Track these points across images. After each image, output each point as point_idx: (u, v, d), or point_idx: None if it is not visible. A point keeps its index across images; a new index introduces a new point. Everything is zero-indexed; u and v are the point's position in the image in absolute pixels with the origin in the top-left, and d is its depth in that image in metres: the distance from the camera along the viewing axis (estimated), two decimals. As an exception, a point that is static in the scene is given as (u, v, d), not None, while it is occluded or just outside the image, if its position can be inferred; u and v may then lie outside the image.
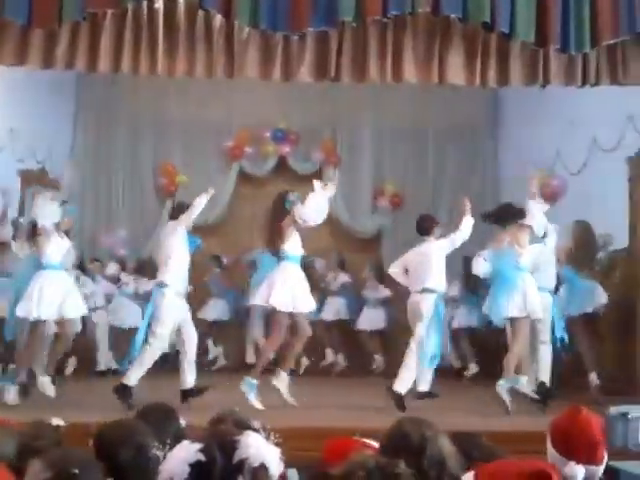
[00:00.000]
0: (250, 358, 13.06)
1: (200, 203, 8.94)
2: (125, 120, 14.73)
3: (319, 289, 13.39)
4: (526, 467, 2.80)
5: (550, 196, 12.22)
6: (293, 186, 14.72)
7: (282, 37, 7.69)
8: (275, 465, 2.57)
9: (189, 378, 8.71)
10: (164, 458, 2.81)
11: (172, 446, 3.18)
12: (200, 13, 7.70)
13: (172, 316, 8.72)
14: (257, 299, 8.98)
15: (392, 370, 8.82)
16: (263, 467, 2.51)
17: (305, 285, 8.88)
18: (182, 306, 8.93)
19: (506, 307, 8.96)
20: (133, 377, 8.53)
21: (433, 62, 7.88)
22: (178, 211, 9.15)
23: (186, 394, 8.60)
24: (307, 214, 8.83)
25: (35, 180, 12.51)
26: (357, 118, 14.89)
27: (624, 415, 2.76)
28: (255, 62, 7.81)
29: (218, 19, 7.68)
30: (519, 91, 11.21)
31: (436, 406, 8.24)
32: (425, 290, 9.06)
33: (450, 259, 9.50)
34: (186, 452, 2.49)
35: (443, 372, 9.86)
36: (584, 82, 8.04)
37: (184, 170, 14.51)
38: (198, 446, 2.50)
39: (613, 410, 2.82)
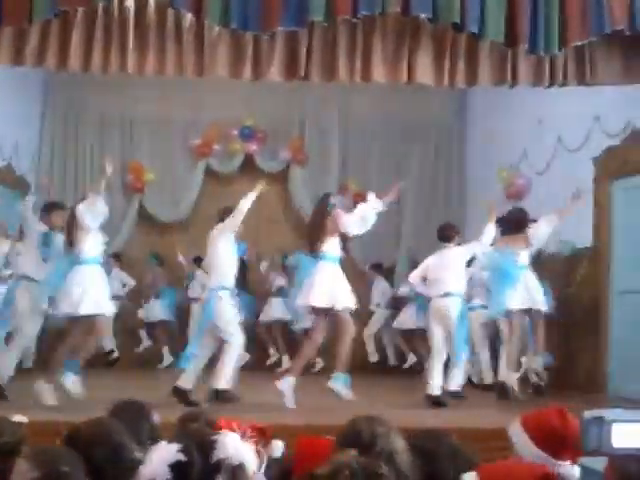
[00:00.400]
0: None
1: (246, 205, 8.97)
2: (92, 117, 14.68)
3: (263, 290, 13.66)
4: (531, 470, 2.89)
5: (515, 195, 12.37)
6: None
7: (252, 37, 7.68)
8: (252, 464, 2.60)
9: (224, 379, 8.72)
10: (140, 457, 2.82)
11: (147, 444, 3.21)
12: (170, 12, 7.68)
13: (234, 314, 8.86)
14: (298, 300, 8.96)
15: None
16: (241, 466, 2.54)
17: (345, 284, 8.84)
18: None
19: (507, 300, 9.45)
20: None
21: (402, 62, 7.89)
22: (225, 215, 9.13)
23: (220, 394, 8.62)
24: (351, 223, 8.86)
25: (2, 176, 12.44)
26: (325, 117, 14.95)
27: (598, 419, 2.78)
28: (225, 61, 7.81)
29: (188, 18, 7.67)
30: (486, 89, 11.28)
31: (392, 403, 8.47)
32: (449, 294, 9.36)
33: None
34: (166, 453, 2.51)
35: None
36: (552, 83, 8.11)
37: (151, 168, 14.50)
38: (176, 447, 2.52)
39: (587, 414, 2.84)
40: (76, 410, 7.18)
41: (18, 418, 4.07)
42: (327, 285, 8.70)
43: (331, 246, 8.80)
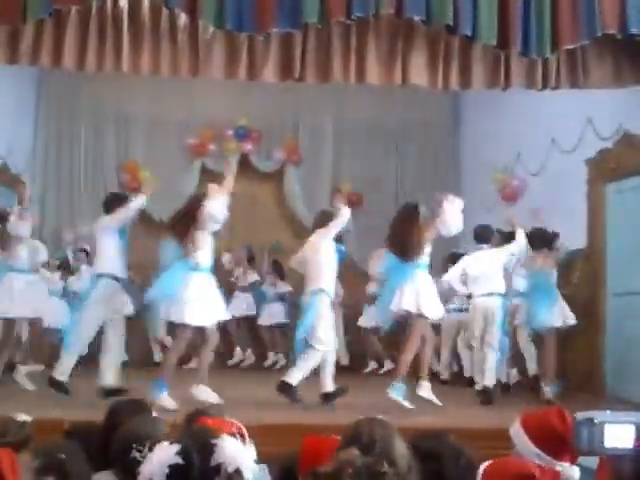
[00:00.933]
0: (157, 357, 13.23)
1: (347, 211, 9.02)
2: (87, 116, 14.68)
3: (227, 284, 13.44)
4: (520, 468, 2.96)
5: (510, 196, 12.40)
6: (254, 184, 14.88)
7: (247, 37, 7.73)
8: (250, 470, 2.63)
9: (329, 381, 8.79)
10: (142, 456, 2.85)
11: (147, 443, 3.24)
12: (165, 12, 7.72)
13: (331, 320, 8.94)
14: (392, 306, 8.87)
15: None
16: (238, 472, 2.57)
17: (433, 291, 8.84)
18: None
19: (550, 318, 9.68)
20: (296, 377, 8.61)
21: (396, 63, 7.96)
22: (325, 219, 9.15)
23: (329, 397, 8.70)
24: (451, 224, 8.78)
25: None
26: (319, 116, 14.95)
27: (590, 420, 2.84)
28: (220, 62, 7.86)
29: (183, 18, 7.70)
30: (480, 90, 11.30)
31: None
32: (493, 294, 9.62)
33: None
34: (165, 454, 2.53)
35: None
36: (545, 85, 8.16)
37: (147, 166, 14.51)
38: (176, 448, 2.54)
39: (579, 416, 2.90)
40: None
41: (22, 417, 4.12)
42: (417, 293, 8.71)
43: (425, 253, 8.80)
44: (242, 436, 2.95)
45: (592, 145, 10.51)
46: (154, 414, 4.19)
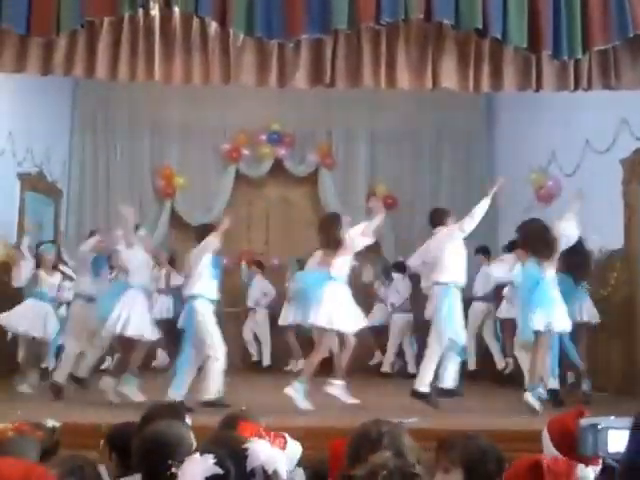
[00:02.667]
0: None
1: (482, 209, 9.03)
2: (122, 123, 14.84)
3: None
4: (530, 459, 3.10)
5: (546, 197, 12.35)
6: (289, 188, 14.96)
7: (277, 44, 7.75)
8: (284, 469, 2.66)
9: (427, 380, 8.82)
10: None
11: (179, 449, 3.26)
12: (196, 20, 7.76)
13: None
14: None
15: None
16: (275, 472, 2.60)
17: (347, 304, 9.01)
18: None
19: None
20: (426, 381, 8.73)
21: (426, 68, 7.92)
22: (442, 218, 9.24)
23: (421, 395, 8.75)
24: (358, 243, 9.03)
25: (34, 183, 12.60)
26: (352, 120, 14.98)
27: (594, 426, 2.90)
28: (251, 69, 7.87)
29: (213, 26, 7.74)
30: (513, 92, 11.28)
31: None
32: None
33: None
34: (201, 465, 2.55)
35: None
36: (576, 87, 8.09)
37: (182, 173, 14.62)
38: (211, 458, 2.56)
39: (584, 422, 2.96)
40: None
41: (52, 423, 4.17)
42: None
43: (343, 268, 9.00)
44: (282, 439, 3.00)
45: (627, 145, 10.46)
46: (187, 420, 4.21)
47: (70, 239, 13.49)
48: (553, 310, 8.76)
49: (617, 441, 2.91)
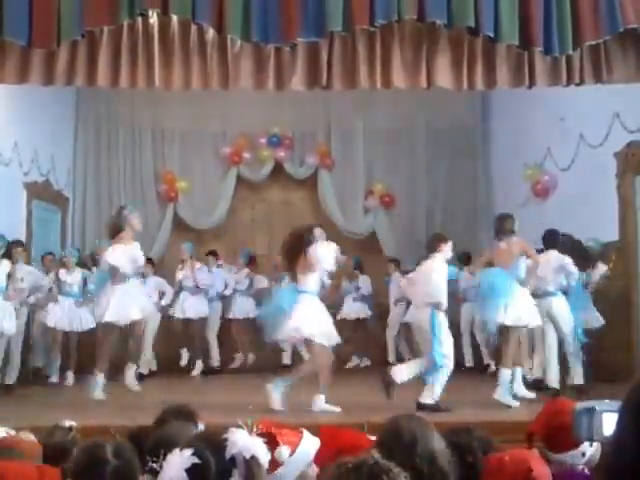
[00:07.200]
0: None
1: None
2: (124, 130, 14.97)
3: None
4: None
5: (542, 192, 12.48)
6: (290, 191, 15.07)
7: (274, 48, 7.86)
8: (264, 454, 2.75)
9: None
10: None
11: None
12: (193, 27, 7.88)
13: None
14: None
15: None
16: (254, 458, 2.70)
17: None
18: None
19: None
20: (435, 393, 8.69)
21: (421, 67, 8.03)
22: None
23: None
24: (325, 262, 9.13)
25: (40, 192, 12.71)
26: (349, 120, 15.11)
27: (590, 410, 2.96)
28: (249, 73, 7.97)
29: (211, 33, 7.85)
30: (507, 89, 11.37)
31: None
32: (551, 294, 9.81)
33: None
34: (180, 458, 2.64)
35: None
36: (569, 82, 8.19)
37: (184, 177, 14.75)
38: (190, 451, 2.65)
39: (579, 405, 3.02)
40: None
41: (68, 423, 4.27)
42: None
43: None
44: (299, 434, 3.08)
45: (620, 138, 10.58)
46: (200, 425, 4.27)
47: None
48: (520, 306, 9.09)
49: (612, 424, 2.96)
